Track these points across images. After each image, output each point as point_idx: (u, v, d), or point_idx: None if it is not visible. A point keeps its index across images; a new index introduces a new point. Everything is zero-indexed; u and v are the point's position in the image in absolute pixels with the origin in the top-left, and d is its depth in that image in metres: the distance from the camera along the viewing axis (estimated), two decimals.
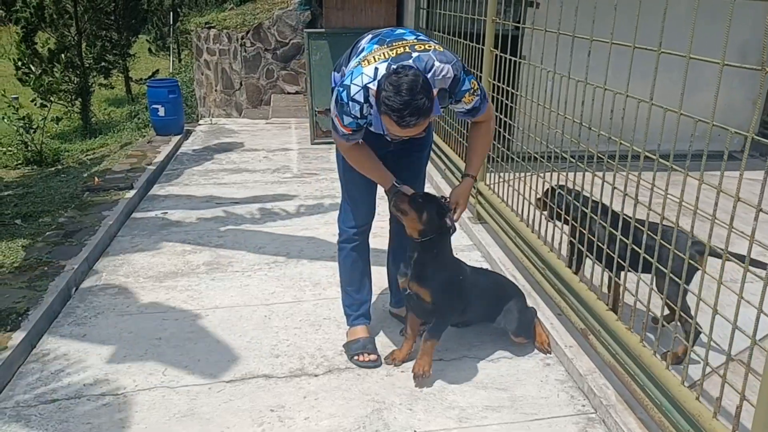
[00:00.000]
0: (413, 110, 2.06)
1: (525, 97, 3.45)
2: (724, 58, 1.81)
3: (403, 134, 2.19)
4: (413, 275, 2.56)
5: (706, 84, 5.68)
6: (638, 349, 2.28)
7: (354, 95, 2.24)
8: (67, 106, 10.66)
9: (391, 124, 2.13)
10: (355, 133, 2.36)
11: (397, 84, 2.06)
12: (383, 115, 2.12)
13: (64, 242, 3.97)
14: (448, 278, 2.62)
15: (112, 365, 2.72)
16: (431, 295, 2.55)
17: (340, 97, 2.27)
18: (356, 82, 2.25)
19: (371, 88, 2.22)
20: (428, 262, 2.54)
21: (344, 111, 2.27)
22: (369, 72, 2.25)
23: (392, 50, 2.30)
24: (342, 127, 2.32)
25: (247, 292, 3.38)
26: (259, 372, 2.67)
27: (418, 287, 2.56)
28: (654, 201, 2.26)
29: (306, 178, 5.54)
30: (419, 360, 2.59)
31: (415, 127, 2.13)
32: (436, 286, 2.55)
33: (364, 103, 2.25)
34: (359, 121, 2.30)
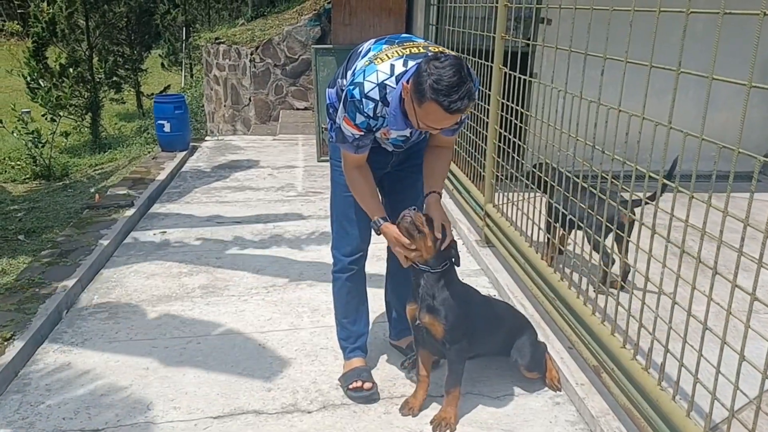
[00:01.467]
0: (464, 93, 1.94)
1: (534, 117, 3.30)
2: (751, 80, 1.65)
3: (443, 124, 2.05)
4: (422, 305, 2.36)
5: (723, 102, 5.52)
6: (656, 393, 2.10)
7: (368, 92, 2.11)
8: (77, 121, 10.67)
9: (434, 112, 1.97)
10: (364, 137, 2.21)
11: (442, 68, 1.94)
12: (428, 102, 1.95)
13: (58, 262, 3.85)
14: (461, 308, 2.39)
15: (95, 398, 2.57)
16: (444, 330, 2.33)
17: (351, 95, 2.13)
18: (370, 78, 2.11)
19: (389, 85, 2.11)
20: (438, 291, 2.34)
21: (357, 109, 2.13)
22: (384, 69, 2.13)
23: (405, 49, 2.19)
24: (352, 127, 2.17)
25: (242, 318, 3.23)
26: (249, 407, 2.51)
27: (429, 319, 2.35)
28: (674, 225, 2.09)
29: (310, 196, 5.41)
30: (444, 412, 2.39)
31: (462, 113, 2.01)
32: (448, 318, 2.33)
33: (379, 101, 2.12)
34: (371, 122, 2.16)
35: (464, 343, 2.40)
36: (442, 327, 2.33)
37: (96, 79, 10.92)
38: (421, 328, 2.40)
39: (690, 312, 1.96)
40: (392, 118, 2.17)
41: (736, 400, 1.81)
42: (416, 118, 2.07)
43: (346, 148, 2.28)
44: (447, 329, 2.34)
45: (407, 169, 2.53)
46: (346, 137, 2.23)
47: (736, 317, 1.81)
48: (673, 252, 2.09)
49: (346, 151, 2.31)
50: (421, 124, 2.09)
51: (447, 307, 2.34)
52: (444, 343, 2.36)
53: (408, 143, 2.43)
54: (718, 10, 1.76)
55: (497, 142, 3.84)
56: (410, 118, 2.13)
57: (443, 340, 2.35)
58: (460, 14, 4.80)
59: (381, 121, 2.19)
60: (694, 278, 1.95)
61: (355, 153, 2.28)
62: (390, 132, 2.30)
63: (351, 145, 2.24)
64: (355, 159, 2.32)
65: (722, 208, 1.78)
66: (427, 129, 2.13)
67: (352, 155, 2.30)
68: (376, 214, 2.34)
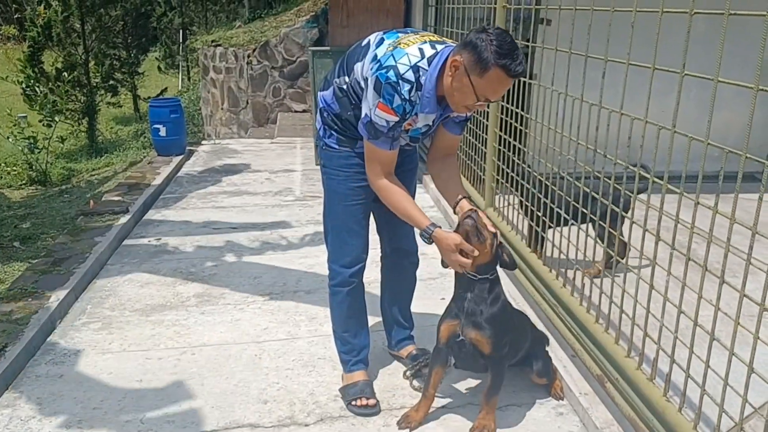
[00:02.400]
0: (522, 56, 1.98)
1: (534, 120, 3.25)
2: (758, 83, 1.59)
3: (501, 93, 2.11)
4: (468, 319, 2.24)
5: (724, 103, 5.44)
6: (662, 404, 2.05)
7: (404, 74, 2.05)
8: (74, 125, 10.60)
9: (498, 78, 1.97)
10: (398, 125, 2.13)
11: (498, 35, 1.96)
12: (493, 69, 1.94)
13: (52, 270, 3.79)
14: (506, 322, 2.30)
15: (87, 411, 2.51)
16: (491, 346, 2.24)
17: (386, 77, 2.05)
18: (402, 61, 2.06)
19: (422, 67, 2.07)
20: (486, 305, 2.23)
21: (395, 91, 2.05)
22: (414, 52, 2.08)
23: (423, 37, 2.16)
24: (388, 112, 2.08)
25: (238, 327, 3.17)
26: (244, 421, 2.45)
27: (477, 336, 2.23)
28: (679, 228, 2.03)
29: (308, 201, 5.35)
30: (484, 419, 2.32)
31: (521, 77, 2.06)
32: (496, 333, 2.23)
33: (414, 84, 2.07)
34: (406, 106, 2.09)
35: (508, 355, 2.35)
36: (490, 343, 2.24)
37: (92, 83, 10.85)
38: (463, 344, 2.28)
39: (696, 321, 1.90)
40: (426, 100, 2.12)
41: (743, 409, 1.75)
42: (474, 93, 2.02)
43: (381, 143, 2.17)
44: (494, 344, 2.24)
45: (402, 173, 2.47)
46: (379, 129, 2.13)
47: (744, 327, 1.75)
48: (679, 257, 2.03)
49: (380, 149, 2.19)
50: (480, 98, 2.04)
51: (494, 322, 2.24)
52: (489, 357, 2.27)
53: (427, 134, 2.36)
54: (723, 10, 1.70)
55: (497, 146, 3.78)
56: (459, 99, 2.08)
57: (489, 355, 2.26)
58: (458, 15, 4.74)
59: (413, 108, 2.13)
60: (701, 286, 1.89)
61: (390, 149, 2.18)
62: (416, 120, 2.21)
63: (386, 137, 2.15)
64: (389, 158, 2.22)
65: (727, 210, 1.73)
66: (480, 105, 2.09)
67: (386, 154, 2.20)
68: (424, 222, 2.22)
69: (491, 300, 2.25)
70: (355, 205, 2.43)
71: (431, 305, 3.35)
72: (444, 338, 2.34)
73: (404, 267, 2.75)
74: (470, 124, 4.43)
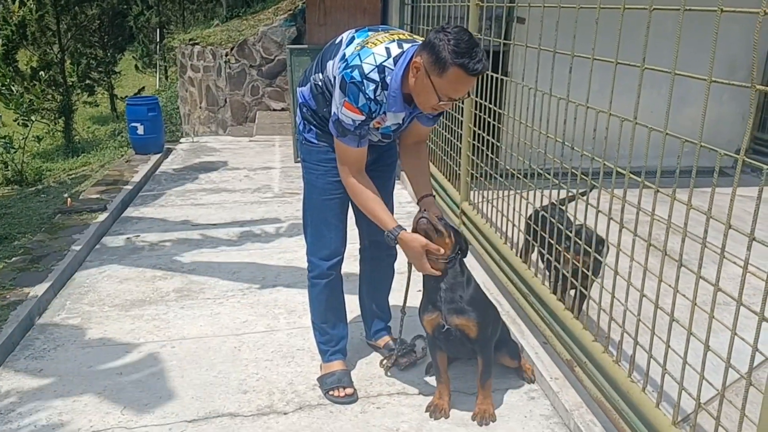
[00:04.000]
0: (482, 53, 1.99)
1: (507, 115, 3.33)
2: (711, 75, 1.68)
3: (463, 92, 2.08)
4: (449, 307, 2.32)
5: (695, 99, 5.61)
6: (626, 385, 2.13)
7: (368, 74, 2.09)
8: (50, 125, 10.49)
9: (458, 78, 1.98)
10: (364, 124, 2.16)
11: (456, 33, 1.97)
12: (451, 68, 1.96)
13: (30, 268, 3.79)
14: (485, 302, 2.42)
15: (68, 403, 2.54)
16: (477, 326, 2.31)
17: (351, 77, 2.09)
18: (368, 60, 2.10)
19: (387, 67, 2.10)
20: (462, 290, 2.32)
21: (359, 90, 2.09)
22: (380, 51, 2.12)
23: (392, 35, 2.19)
24: (353, 111, 2.12)
25: (218, 321, 3.21)
26: (224, 410, 2.50)
27: (462, 321, 2.31)
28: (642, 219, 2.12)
29: (287, 197, 5.39)
30: (483, 404, 2.43)
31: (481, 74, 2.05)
32: (480, 315, 2.33)
33: (379, 83, 2.11)
34: (372, 105, 2.12)
35: (492, 336, 2.43)
36: (476, 325, 2.31)
37: (68, 83, 10.74)
38: (450, 332, 2.34)
39: (657, 304, 1.99)
40: (392, 100, 2.16)
41: (707, 390, 1.84)
42: (435, 93, 2.05)
43: (348, 141, 2.21)
44: (480, 326, 2.32)
45: (379, 169, 2.53)
46: (346, 127, 2.17)
47: (702, 309, 1.84)
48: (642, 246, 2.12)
49: (348, 146, 2.23)
50: (442, 98, 2.06)
51: (476, 304, 2.33)
52: (477, 340, 2.34)
53: (397, 132, 2.41)
54: (679, 6, 1.79)
55: (472, 141, 3.86)
56: (422, 99, 2.11)
57: (477, 338, 2.33)
58: (434, 14, 4.81)
59: (380, 107, 2.17)
60: (660, 271, 1.98)
61: (357, 146, 2.22)
62: (385, 119, 2.25)
63: (353, 135, 2.19)
64: (358, 156, 2.26)
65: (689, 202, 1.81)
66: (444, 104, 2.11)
67: (355, 152, 2.24)
68: (390, 224, 2.28)
69: (465, 282, 2.34)
70: (332, 199, 2.49)
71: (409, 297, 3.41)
72: (430, 331, 2.42)
73: (382, 260, 2.81)
74: (445, 120, 4.50)
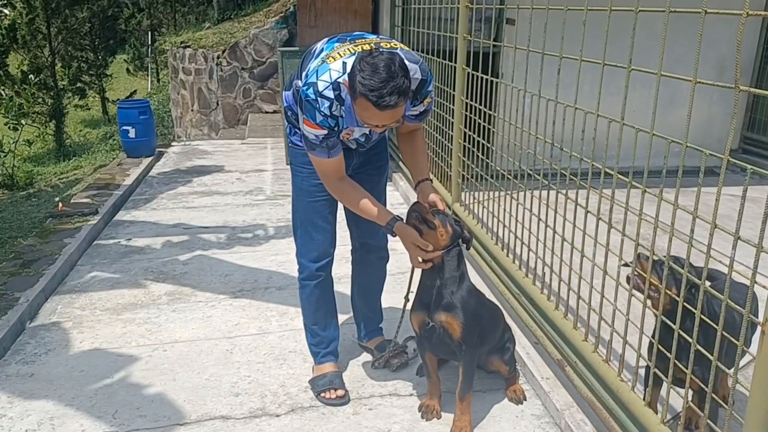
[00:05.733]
0: (392, 89, 1.94)
1: (497, 116, 3.35)
2: (696, 76, 1.69)
3: (380, 121, 2.04)
4: (437, 303, 2.28)
5: (684, 99, 5.64)
6: (616, 384, 2.15)
7: (323, 91, 2.10)
8: (41, 129, 10.47)
9: (367, 108, 1.98)
10: (329, 136, 2.16)
11: (373, 63, 1.94)
12: (360, 98, 1.96)
13: (21, 272, 3.78)
14: (476, 307, 2.32)
15: (59, 408, 2.53)
16: (461, 327, 2.25)
17: (306, 95, 2.12)
18: (324, 78, 2.11)
19: (342, 83, 2.10)
20: (454, 288, 2.27)
21: (314, 108, 2.11)
22: (337, 67, 2.12)
23: (356, 46, 2.19)
24: (313, 127, 2.13)
25: (210, 324, 3.21)
26: (216, 413, 2.50)
27: (446, 318, 2.26)
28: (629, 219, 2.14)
29: (279, 200, 5.39)
30: (460, 420, 2.33)
31: (394, 110, 1.98)
32: (466, 315, 2.26)
33: (334, 101, 2.11)
34: (330, 121, 2.13)
35: (478, 344, 2.34)
36: (460, 325, 2.26)
37: (59, 86, 10.73)
38: (434, 330, 2.30)
39: (646, 304, 2.01)
40: (348, 116, 2.17)
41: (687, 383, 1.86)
42: (357, 115, 2.08)
43: (318, 153, 2.21)
44: (465, 327, 2.26)
45: (367, 173, 2.53)
46: (312, 141, 2.18)
47: (689, 307, 1.85)
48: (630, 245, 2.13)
49: (319, 158, 2.23)
50: (360, 121, 2.09)
51: (464, 305, 2.28)
52: (460, 343, 2.28)
53: (371, 142, 2.43)
54: (664, 8, 1.81)
55: (463, 142, 3.88)
56: (357, 116, 2.12)
57: (459, 340, 2.27)
58: (425, 16, 4.83)
59: (340, 121, 2.18)
60: (649, 270, 2.00)
61: (328, 157, 2.21)
62: (353, 131, 2.29)
63: (321, 147, 2.19)
64: (333, 166, 2.25)
65: (675, 201, 1.83)
66: (369, 126, 2.12)
67: (327, 162, 2.23)
68: (386, 217, 2.26)
69: (458, 280, 2.28)
70: (319, 201, 2.49)
71: (400, 299, 3.41)
72: (416, 328, 2.41)
73: (372, 261, 2.82)
74: (436, 122, 4.52)
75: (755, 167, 1.57)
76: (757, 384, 1.54)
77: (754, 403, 1.56)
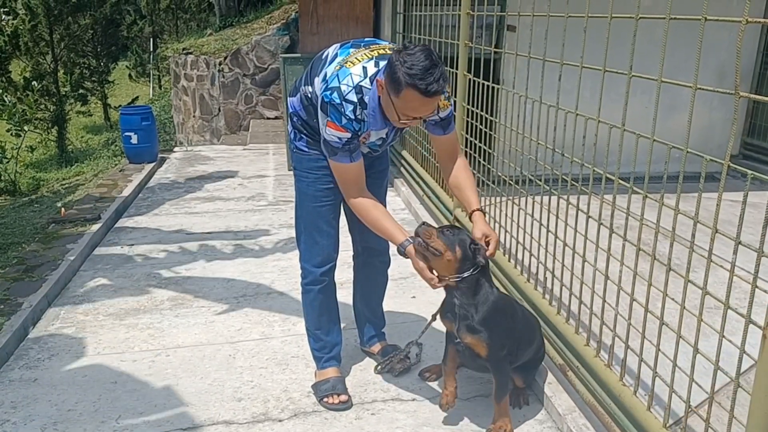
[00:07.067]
0: (438, 74, 1.99)
1: (499, 122, 3.36)
2: (696, 82, 1.71)
3: (424, 112, 2.10)
4: (461, 324, 2.25)
5: (685, 105, 5.66)
6: (618, 388, 2.15)
7: (347, 95, 2.14)
8: (43, 135, 10.51)
9: (413, 99, 2.01)
10: (352, 140, 2.18)
11: (413, 54, 1.99)
12: (406, 89, 1.99)
13: (24, 277, 3.79)
14: (503, 324, 2.27)
15: (62, 412, 2.54)
16: (487, 348, 2.23)
17: (330, 99, 2.14)
18: (346, 82, 2.15)
19: (364, 86, 2.14)
20: (476, 308, 2.22)
21: (339, 112, 2.14)
22: (357, 71, 2.16)
23: (372, 51, 2.23)
24: (338, 129, 2.15)
25: (212, 329, 3.22)
26: (219, 418, 2.50)
27: (472, 340, 2.24)
28: (630, 224, 2.15)
29: (281, 205, 5.41)
30: (500, 422, 2.33)
31: (438, 97, 2.05)
32: (492, 337, 2.22)
33: (357, 104, 2.15)
34: (354, 124, 2.17)
35: (508, 357, 2.32)
36: (486, 346, 2.23)
37: (62, 92, 10.77)
38: (460, 345, 2.30)
39: (647, 308, 2.02)
40: (372, 119, 2.20)
41: (697, 393, 1.86)
42: (395, 111, 2.10)
43: (340, 158, 2.21)
44: (491, 348, 2.24)
45: (372, 175, 2.54)
46: (334, 146, 2.19)
47: (690, 312, 1.86)
48: (633, 250, 2.14)
49: (342, 164, 2.22)
50: (401, 116, 2.11)
51: (489, 326, 2.23)
52: (488, 360, 2.27)
53: (384, 145, 2.45)
54: (665, 15, 1.82)
55: (464, 148, 3.89)
56: (388, 115, 2.16)
57: (488, 358, 2.27)
58: (426, 22, 4.85)
59: (362, 125, 2.21)
60: (650, 275, 2.01)
61: (350, 161, 2.22)
62: (370, 135, 2.30)
63: (344, 151, 2.19)
64: (355, 171, 2.24)
65: (676, 206, 1.84)
66: (407, 122, 2.15)
67: (349, 167, 2.23)
68: (400, 238, 2.21)
69: (480, 302, 2.22)
70: (324, 206, 2.51)
71: (402, 303, 3.45)
72: (450, 336, 2.39)
73: (375, 266, 2.83)
74: None
75: (756, 173, 1.58)
76: (759, 388, 1.55)
77: (755, 408, 1.56)
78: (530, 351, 2.49)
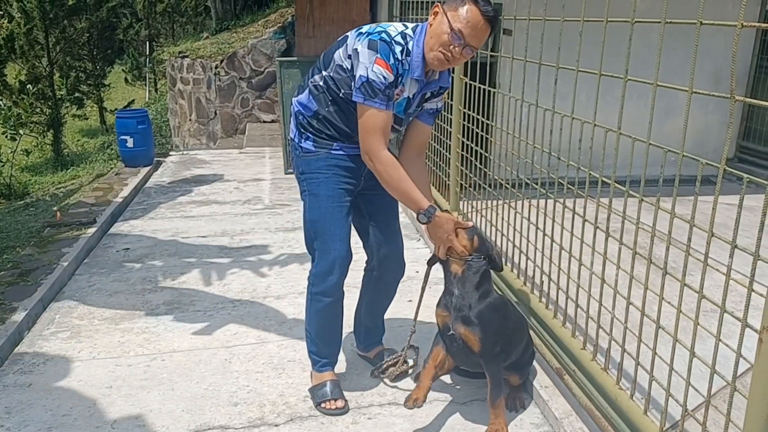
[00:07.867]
0: (496, 12, 2.14)
1: (495, 126, 3.37)
2: (692, 86, 1.71)
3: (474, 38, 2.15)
4: (457, 314, 2.28)
5: (680, 109, 5.68)
6: (615, 392, 2.15)
7: (395, 37, 2.21)
8: (39, 138, 10.48)
9: (472, 15, 2.11)
10: (392, 87, 2.19)
11: None
12: (469, 4, 2.11)
13: (19, 282, 3.77)
14: (497, 321, 2.31)
15: (57, 418, 2.52)
16: (480, 342, 2.25)
17: (381, 37, 2.18)
18: (391, 29, 2.23)
19: (408, 34, 2.23)
20: (474, 301, 2.26)
21: (389, 49, 2.18)
22: (398, 26, 2.26)
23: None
24: (385, 68, 2.15)
25: (208, 333, 3.20)
26: (215, 423, 2.49)
27: (465, 331, 2.26)
28: (627, 228, 2.15)
29: (277, 209, 5.40)
30: (494, 423, 2.34)
31: (488, 32, 2.17)
32: (485, 331, 2.25)
33: (405, 46, 2.22)
34: (399, 66, 2.21)
35: (500, 355, 2.34)
36: (479, 340, 2.26)
37: (57, 96, 10.75)
38: (454, 338, 2.32)
39: (644, 312, 2.02)
40: (415, 63, 2.25)
41: (694, 397, 1.86)
42: (450, 25, 2.13)
43: (377, 102, 2.18)
44: (483, 342, 2.26)
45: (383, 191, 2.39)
46: (376, 87, 2.16)
47: (687, 315, 1.86)
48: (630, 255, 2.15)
49: (376, 110, 2.19)
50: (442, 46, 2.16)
51: (483, 320, 2.26)
52: (480, 355, 2.29)
53: (406, 118, 2.42)
54: (660, 19, 1.83)
55: (461, 151, 3.90)
56: (431, 45, 2.19)
57: (479, 353, 2.28)
58: None
59: (404, 74, 2.25)
60: (646, 278, 2.01)
61: (386, 108, 2.20)
62: (403, 90, 2.29)
63: (383, 95, 2.17)
64: (386, 120, 2.22)
65: (672, 210, 1.85)
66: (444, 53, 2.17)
67: (382, 116, 2.20)
68: (424, 203, 2.25)
69: (479, 296, 2.28)
70: (339, 206, 2.42)
71: (399, 307, 3.43)
72: (440, 326, 2.41)
73: (388, 282, 2.74)
74: (435, 132, 4.53)
75: (751, 176, 1.59)
76: (755, 392, 1.55)
77: (751, 411, 1.56)
78: (520, 349, 2.51)
